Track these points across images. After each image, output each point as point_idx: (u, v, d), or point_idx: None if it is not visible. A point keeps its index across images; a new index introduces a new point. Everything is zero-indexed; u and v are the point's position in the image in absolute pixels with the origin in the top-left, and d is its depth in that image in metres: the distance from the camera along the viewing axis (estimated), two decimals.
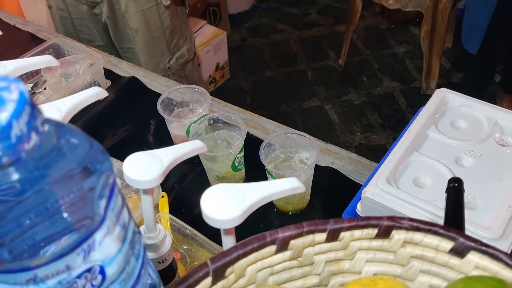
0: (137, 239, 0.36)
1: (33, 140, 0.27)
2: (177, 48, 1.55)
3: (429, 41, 2.35)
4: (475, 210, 0.66)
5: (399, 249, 0.40)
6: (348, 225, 0.39)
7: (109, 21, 1.46)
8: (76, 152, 0.31)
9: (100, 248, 0.31)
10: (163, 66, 1.54)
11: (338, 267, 0.42)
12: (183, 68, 1.60)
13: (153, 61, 1.52)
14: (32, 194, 0.30)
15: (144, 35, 1.45)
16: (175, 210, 0.88)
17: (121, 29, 1.48)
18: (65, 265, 0.30)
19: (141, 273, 0.36)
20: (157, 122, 1.08)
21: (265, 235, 0.39)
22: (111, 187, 0.32)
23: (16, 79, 0.27)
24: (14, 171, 0.28)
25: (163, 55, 1.52)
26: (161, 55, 1.52)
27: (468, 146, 0.74)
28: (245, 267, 0.39)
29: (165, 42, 1.50)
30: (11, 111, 0.26)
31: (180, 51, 1.57)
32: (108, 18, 1.45)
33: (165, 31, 1.48)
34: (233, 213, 0.44)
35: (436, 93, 0.81)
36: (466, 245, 0.38)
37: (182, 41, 1.56)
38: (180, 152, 0.54)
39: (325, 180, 0.93)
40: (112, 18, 1.45)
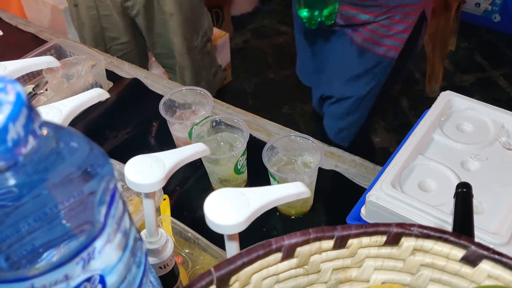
0: (138, 246, 0.35)
1: (31, 144, 0.26)
2: (201, 26, 1.65)
3: (433, 44, 2.34)
4: (481, 215, 0.65)
5: (409, 257, 0.39)
6: (356, 232, 0.38)
7: (143, 9, 1.53)
8: (75, 156, 0.30)
9: (100, 257, 0.30)
10: (191, 45, 1.64)
11: (345, 275, 0.41)
12: (205, 45, 1.71)
13: (185, 42, 1.61)
14: (30, 199, 0.29)
15: (178, 18, 1.55)
16: (176, 213, 0.87)
17: (154, 16, 1.57)
18: (63, 275, 0.29)
19: (143, 281, 0.35)
20: (159, 124, 1.07)
21: (271, 242, 0.37)
22: (112, 193, 0.31)
23: (13, 80, 0.26)
24: (11, 176, 0.27)
25: (193, 35, 1.62)
26: (191, 35, 1.62)
27: (474, 149, 0.73)
28: (250, 275, 0.37)
29: (194, 22, 1.61)
30: (7, 114, 0.24)
31: (203, 29, 1.66)
32: (143, 7, 1.52)
33: (195, 11, 1.59)
34: (237, 219, 0.43)
35: (441, 96, 0.80)
36: (478, 253, 0.37)
37: (203, 19, 1.65)
38: (182, 155, 0.53)
39: (328, 184, 0.92)
40: (146, 6, 1.53)
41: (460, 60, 2.70)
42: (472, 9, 2.92)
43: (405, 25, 1.24)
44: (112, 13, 1.55)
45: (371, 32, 1.25)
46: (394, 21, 1.23)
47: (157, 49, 1.69)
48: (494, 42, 2.80)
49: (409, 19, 1.23)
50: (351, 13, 1.22)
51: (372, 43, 1.27)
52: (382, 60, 1.29)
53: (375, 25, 1.24)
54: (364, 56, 1.27)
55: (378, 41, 1.26)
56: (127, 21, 1.58)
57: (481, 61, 2.69)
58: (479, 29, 2.91)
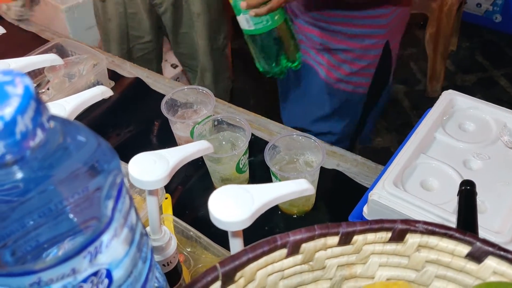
0: (144, 241, 0.35)
1: (39, 137, 0.26)
2: (223, 28, 1.68)
3: (434, 44, 2.34)
4: (484, 214, 0.65)
5: (414, 253, 0.39)
6: (361, 228, 0.38)
7: (171, 7, 1.55)
8: (83, 151, 0.30)
9: (107, 251, 0.30)
10: (214, 46, 1.66)
11: (350, 272, 0.41)
12: (225, 47, 1.74)
13: (210, 43, 1.64)
14: (36, 194, 0.29)
15: (205, 18, 1.57)
16: (178, 212, 0.87)
17: (181, 15, 1.60)
18: (70, 269, 0.29)
19: (149, 276, 0.35)
20: (161, 123, 1.07)
21: (276, 238, 0.37)
22: (119, 187, 0.31)
23: (21, 73, 0.25)
24: (18, 169, 0.27)
25: (216, 36, 1.65)
26: (215, 37, 1.65)
27: (476, 148, 0.73)
28: (255, 271, 0.37)
29: (218, 24, 1.64)
30: (16, 106, 0.24)
31: (225, 31, 1.69)
32: (172, 4, 1.54)
33: (219, 13, 1.61)
34: (242, 215, 0.43)
35: (443, 95, 0.80)
36: (483, 249, 0.37)
37: (225, 21, 1.68)
38: (186, 153, 0.53)
39: (330, 183, 0.92)
40: (175, 4, 1.55)
41: (461, 60, 2.70)
42: (473, 9, 2.93)
43: (369, 60, 1.21)
44: (139, 10, 1.56)
45: (334, 68, 1.23)
46: (355, 55, 1.20)
47: (180, 49, 1.71)
48: (495, 42, 2.80)
49: (370, 53, 1.20)
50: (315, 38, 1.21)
51: (338, 81, 1.24)
52: (352, 98, 1.26)
53: (336, 60, 1.22)
54: (333, 93, 1.25)
55: (344, 79, 1.24)
56: (153, 20, 1.60)
57: (482, 61, 2.69)
58: (480, 29, 2.91)
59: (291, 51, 1.05)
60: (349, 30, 1.16)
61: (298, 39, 1.12)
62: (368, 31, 1.16)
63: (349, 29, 1.16)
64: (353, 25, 1.15)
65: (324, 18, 1.16)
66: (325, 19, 1.16)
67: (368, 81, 1.24)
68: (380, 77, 1.26)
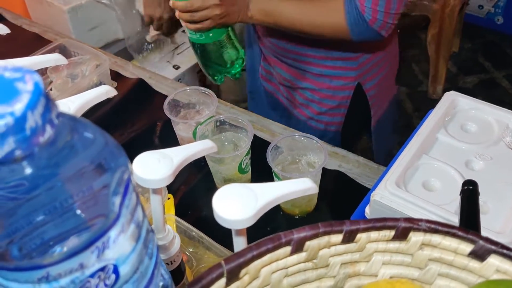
0: (150, 238, 0.35)
1: (48, 133, 0.27)
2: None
3: (436, 45, 2.34)
4: (486, 215, 0.65)
5: (417, 252, 0.40)
6: (364, 226, 0.38)
7: None
8: (90, 148, 0.30)
9: (114, 246, 0.30)
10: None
11: (354, 270, 0.41)
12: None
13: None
14: (44, 191, 0.29)
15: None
16: (181, 212, 0.87)
17: None
18: (78, 263, 0.29)
19: (154, 273, 0.35)
20: (163, 124, 1.08)
21: (280, 236, 0.38)
22: (126, 184, 0.31)
23: (31, 70, 0.26)
24: (26, 165, 0.27)
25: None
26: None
27: (479, 149, 0.74)
28: (260, 269, 0.38)
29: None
30: (26, 102, 0.25)
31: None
32: None
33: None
34: (246, 214, 0.43)
35: (445, 96, 0.81)
36: (486, 248, 0.37)
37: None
38: (190, 152, 0.53)
39: (332, 183, 0.92)
40: None
41: (463, 61, 2.70)
42: (475, 11, 2.93)
43: (337, 100, 1.19)
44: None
45: (303, 106, 1.22)
46: (323, 95, 1.18)
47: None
48: (497, 44, 2.80)
49: (339, 94, 1.18)
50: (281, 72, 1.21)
51: (309, 118, 1.23)
52: (325, 135, 1.24)
53: (304, 99, 1.21)
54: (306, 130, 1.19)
55: (314, 117, 1.22)
56: None
57: (484, 63, 2.70)
58: (482, 31, 2.91)
59: (229, 62, 1.08)
60: (317, 70, 1.15)
61: (270, 72, 1.15)
62: (337, 72, 1.15)
63: (317, 69, 1.15)
64: (321, 65, 1.14)
65: (292, 56, 1.16)
66: (293, 57, 1.16)
67: (341, 120, 1.22)
68: (355, 116, 1.23)
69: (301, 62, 1.15)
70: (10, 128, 0.25)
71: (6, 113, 0.24)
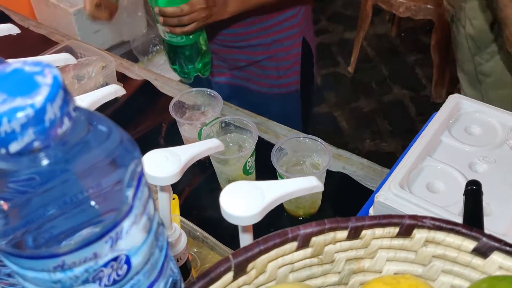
0: (161, 231, 0.36)
1: (66, 125, 0.27)
2: None
3: (440, 50, 2.35)
4: (489, 217, 0.66)
5: (421, 248, 0.40)
6: (369, 223, 0.39)
7: None
8: (106, 142, 0.31)
9: (127, 237, 0.31)
10: None
11: (358, 266, 0.41)
12: None
13: None
14: (59, 184, 0.30)
15: None
16: (185, 212, 0.88)
17: None
18: (92, 253, 0.30)
19: (164, 265, 0.36)
20: (168, 125, 1.09)
21: (287, 231, 0.38)
22: (139, 176, 0.32)
23: (50, 64, 0.27)
24: (44, 157, 0.28)
25: None
26: None
27: (482, 152, 0.74)
28: (266, 263, 0.38)
29: None
30: (46, 95, 0.26)
31: None
32: None
33: None
34: (253, 210, 0.44)
35: (450, 99, 0.81)
36: (489, 245, 0.37)
37: None
38: (197, 150, 0.54)
39: (336, 185, 0.93)
40: None
41: None
42: None
43: (292, 59, 1.27)
44: None
45: (262, 77, 1.29)
46: (278, 59, 1.26)
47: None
48: None
49: (292, 52, 1.26)
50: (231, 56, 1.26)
51: (270, 87, 1.30)
52: (288, 98, 1.33)
53: (262, 69, 1.27)
54: (270, 100, 1.32)
55: (275, 83, 1.29)
56: None
57: None
58: None
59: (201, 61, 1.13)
60: (268, 39, 1.22)
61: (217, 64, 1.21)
62: (285, 34, 1.22)
63: (268, 39, 1.22)
64: (270, 33, 1.21)
65: (240, 38, 1.22)
66: (241, 38, 1.22)
67: (297, 78, 1.30)
68: (306, 71, 1.32)
69: (252, 39, 1.22)
70: (31, 120, 0.25)
71: (27, 105, 0.25)
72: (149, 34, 2.10)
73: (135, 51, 2.09)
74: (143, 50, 2.11)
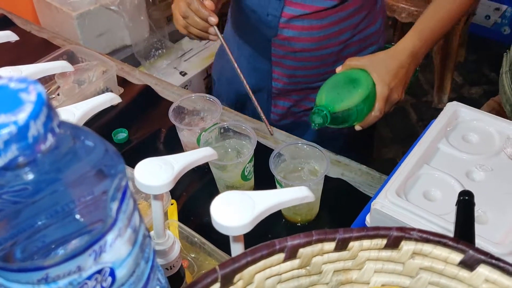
0: (147, 242, 0.36)
1: (49, 141, 0.28)
2: None
3: (441, 55, 2.35)
4: (485, 225, 0.65)
5: (408, 260, 0.40)
6: (357, 234, 0.39)
7: None
8: (91, 155, 0.31)
9: (111, 250, 0.31)
10: None
11: (346, 277, 0.42)
12: None
13: None
14: (46, 196, 0.31)
15: None
16: (183, 218, 0.88)
17: None
18: (76, 266, 0.30)
19: (150, 276, 0.36)
20: (168, 130, 1.09)
21: (274, 243, 0.39)
22: (124, 190, 0.32)
23: (35, 81, 0.27)
24: (29, 171, 0.28)
25: None
26: None
27: (480, 160, 0.74)
28: (253, 274, 0.39)
29: None
30: (29, 112, 0.26)
31: None
32: None
33: None
34: (243, 220, 0.44)
35: (448, 107, 0.81)
36: (476, 257, 0.38)
37: None
38: (191, 159, 0.54)
39: (334, 192, 0.93)
40: None
41: (468, 72, 2.70)
42: (481, 21, 2.93)
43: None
44: None
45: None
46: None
47: None
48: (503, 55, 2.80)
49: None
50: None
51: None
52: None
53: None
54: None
55: None
56: None
57: (489, 74, 2.69)
58: (488, 42, 2.91)
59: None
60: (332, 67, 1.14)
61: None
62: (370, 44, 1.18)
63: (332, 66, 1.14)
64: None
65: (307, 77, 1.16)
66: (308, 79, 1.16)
67: None
68: None
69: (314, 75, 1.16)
70: (14, 136, 0.26)
71: (10, 122, 0.26)
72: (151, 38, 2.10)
73: (137, 55, 2.10)
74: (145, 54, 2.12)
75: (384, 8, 1.20)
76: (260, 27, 1.09)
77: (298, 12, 1.03)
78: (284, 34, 1.06)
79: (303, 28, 1.05)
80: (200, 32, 0.95)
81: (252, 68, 1.20)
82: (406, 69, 0.90)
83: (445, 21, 0.97)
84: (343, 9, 1.05)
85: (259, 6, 1.06)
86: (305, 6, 1.02)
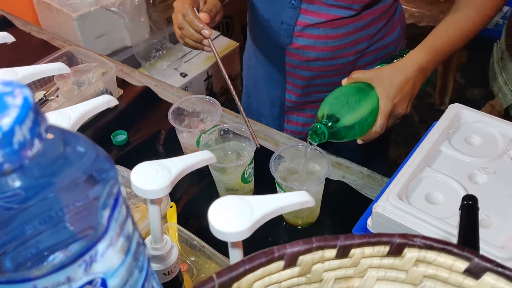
0: (141, 250, 0.35)
1: (37, 147, 0.27)
2: None
3: None
4: (489, 229, 0.64)
5: (412, 268, 0.39)
6: (359, 241, 0.38)
7: None
8: (82, 160, 0.30)
9: (102, 260, 0.30)
10: None
11: (347, 285, 0.40)
12: None
13: None
14: (36, 202, 0.30)
15: None
16: (183, 220, 0.87)
17: None
18: (65, 277, 0.29)
19: (145, 285, 0.35)
20: (167, 132, 1.08)
21: (273, 250, 0.38)
22: (116, 197, 0.31)
23: (21, 85, 0.26)
24: (17, 178, 0.27)
25: None
26: None
27: (482, 162, 0.73)
28: (252, 283, 0.37)
29: None
30: (14, 117, 0.25)
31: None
32: None
33: None
34: (241, 226, 0.43)
35: (450, 109, 0.80)
36: (481, 265, 0.36)
37: None
38: (188, 162, 0.53)
39: (335, 194, 0.92)
40: None
41: (471, 73, 2.69)
42: None
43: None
44: None
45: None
46: None
47: None
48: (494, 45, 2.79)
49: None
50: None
51: None
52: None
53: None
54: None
55: None
56: None
57: None
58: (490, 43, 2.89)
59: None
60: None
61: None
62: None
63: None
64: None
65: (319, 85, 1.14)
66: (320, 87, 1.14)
67: None
68: None
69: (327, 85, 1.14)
70: None
71: None
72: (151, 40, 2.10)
73: (138, 56, 2.09)
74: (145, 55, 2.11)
75: (403, 16, 1.18)
76: (275, 36, 1.08)
77: (313, 20, 1.01)
78: (298, 42, 1.05)
79: (318, 37, 1.03)
80: (194, 43, 0.95)
81: (268, 78, 1.19)
82: (413, 83, 0.88)
83: (457, 37, 0.96)
84: (360, 19, 1.03)
85: (273, 14, 1.05)
86: (320, 15, 1.01)
